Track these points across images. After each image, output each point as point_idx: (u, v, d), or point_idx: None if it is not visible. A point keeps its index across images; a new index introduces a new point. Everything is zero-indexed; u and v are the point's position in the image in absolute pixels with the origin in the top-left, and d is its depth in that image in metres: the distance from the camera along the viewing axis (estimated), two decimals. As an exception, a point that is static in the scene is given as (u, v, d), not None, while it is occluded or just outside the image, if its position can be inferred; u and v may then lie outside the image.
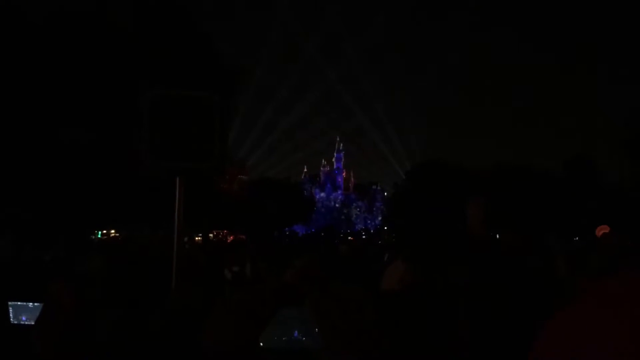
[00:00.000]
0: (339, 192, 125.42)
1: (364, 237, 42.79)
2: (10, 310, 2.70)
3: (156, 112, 3.11)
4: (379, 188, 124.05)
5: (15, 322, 2.69)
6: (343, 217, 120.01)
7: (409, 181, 53.58)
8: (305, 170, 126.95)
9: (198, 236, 33.49)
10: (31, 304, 2.71)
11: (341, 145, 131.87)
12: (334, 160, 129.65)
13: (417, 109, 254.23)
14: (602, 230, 6.77)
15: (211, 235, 41.75)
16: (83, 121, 15.35)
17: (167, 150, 3.10)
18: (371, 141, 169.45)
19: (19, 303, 2.72)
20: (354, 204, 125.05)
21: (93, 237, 21.81)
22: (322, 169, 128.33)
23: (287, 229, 62.13)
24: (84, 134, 15.29)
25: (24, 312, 2.69)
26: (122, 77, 15.09)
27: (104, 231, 25.83)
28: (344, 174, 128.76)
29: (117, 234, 25.94)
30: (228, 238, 38.52)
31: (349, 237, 31.83)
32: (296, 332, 2.18)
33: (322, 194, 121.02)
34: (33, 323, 2.56)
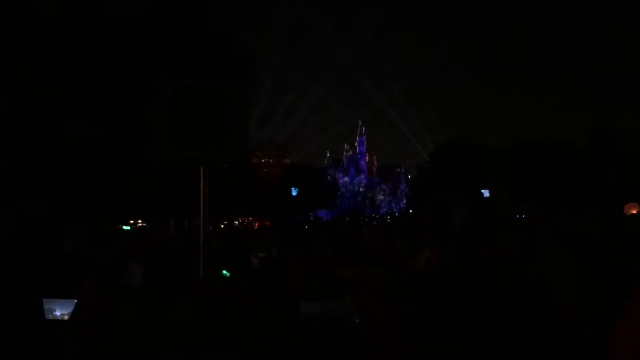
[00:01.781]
0: (363, 176, 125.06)
1: (388, 220, 42.71)
2: (44, 307, 2.79)
3: (175, 103, 3.15)
4: (402, 170, 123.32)
5: (50, 317, 2.77)
6: (367, 201, 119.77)
7: (433, 162, 53.25)
8: (328, 155, 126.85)
9: (222, 223, 33.80)
10: (63, 300, 2.78)
11: (363, 128, 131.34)
12: (356, 144, 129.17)
13: (435, 88, 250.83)
14: (631, 209, 6.59)
15: (236, 222, 42.12)
16: (100, 114, 15.50)
17: (185, 141, 3.14)
18: (393, 123, 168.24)
19: (52, 300, 2.80)
20: (378, 187, 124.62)
21: (122, 226, 22.15)
22: (344, 153, 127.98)
23: (311, 214, 62.33)
24: (101, 127, 15.45)
25: (57, 308, 2.76)
26: (137, 65, 15.13)
27: (132, 221, 26.22)
28: (366, 157, 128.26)
29: (144, 224, 26.32)
30: (254, 224, 38.81)
31: (373, 221, 31.73)
32: (333, 323, 2.18)
33: (346, 178, 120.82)
34: (66, 318, 2.65)
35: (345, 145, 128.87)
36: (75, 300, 2.59)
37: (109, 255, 4.74)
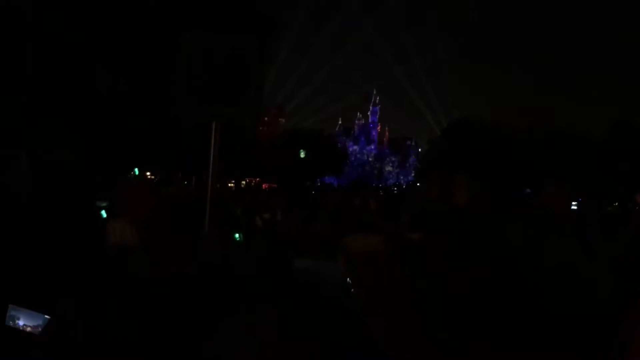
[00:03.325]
0: (373, 146, 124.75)
1: (395, 191, 42.78)
2: (8, 312, 2.51)
3: (193, 57, 3.13)
4: (413, 144, 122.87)
5: (10, 324, 2.51)
6: (375, 171, 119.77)
7: (444, 138, 52.93)
8: (340, 122, 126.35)
9: (230, 182, 33.97)
10: (33, 312, 2.51)
11: (377, 98, 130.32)
12: (369, 113, 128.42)
13: (456, 66, 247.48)
14: (640, 197, 6.57)
15: (244, 182, 42.32)
16: (120, 65, 15.49)
17: (203, 96, 3.13)
18: (408, 96, 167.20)
19: (20, 309, 2.50)
20: (387, 158, 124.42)
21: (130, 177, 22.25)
22: (356, 121, 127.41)
23: (318, 179, 62.47)
24: (122, 78, 15.45)
25: (22, 317, 2.53)
26: (158, 21, 15.07)
27: (138, 173, 26.34)
28: (378, 128, 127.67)
29: (153, 177, 26.46)
30: (262, 186, 38.98)
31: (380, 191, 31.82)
32: (327, 286, 2.21)
33: (356, 147, 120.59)
34: (29, 330, 2.43)
35: (358, 114, 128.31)
36: (47, 317, 2.33)
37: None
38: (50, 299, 2.34)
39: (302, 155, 51.70)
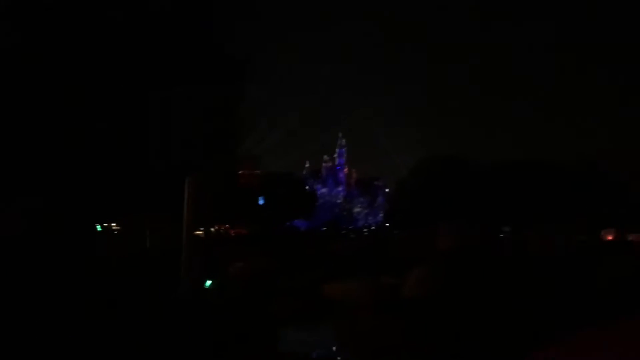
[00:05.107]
0: (341, 187, 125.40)
1: (365, 233, 42.87)
2: None
3: (167, 110, 3.13)
4: (380, 184, 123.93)
5: None
6: (345, 212, 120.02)
7: (414, 177, 53.57)
8: (308, 165, 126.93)
9: (199, 230, 33.36)
10: None
11: (343, 140, 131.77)
12: (335, 155, 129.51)
13: (425, 101, 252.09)
14: (607, 234, 6.70)
15: (212, 229, 41.72)
16: (98, 111, 15.39)
17: (178, 149, 3.12)
18: (373, 136, 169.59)
19: None
20: (356, 199, 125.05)
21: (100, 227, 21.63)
22: (324, 164, 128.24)
23: (288, 223, 62.17)
24: (98, 124, 15.35)
25: None
26: (131, 71, 15.06)
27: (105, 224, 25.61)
28: (345, 169, 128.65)
29: (118, 227, 25.76)
30: (231, 232, 38.51)
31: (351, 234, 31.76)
32: (315, 353, 2.17)
33: (324, 190, 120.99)
34: None
35: (325, 157, 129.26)
36: None
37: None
38: None
39: (261, 202, 51.64)
